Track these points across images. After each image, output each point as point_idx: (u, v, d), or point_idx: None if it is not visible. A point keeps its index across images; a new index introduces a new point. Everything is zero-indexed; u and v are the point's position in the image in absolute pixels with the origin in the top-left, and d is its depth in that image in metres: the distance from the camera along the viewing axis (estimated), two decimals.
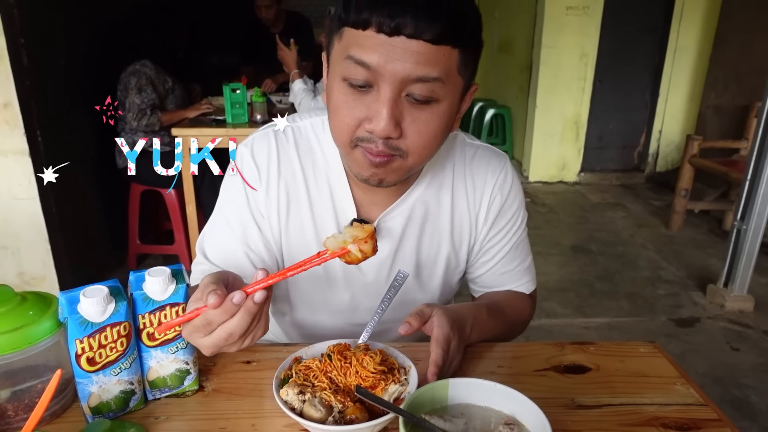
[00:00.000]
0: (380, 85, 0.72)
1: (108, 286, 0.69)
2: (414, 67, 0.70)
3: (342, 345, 0.75)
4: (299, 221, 0.93)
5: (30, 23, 2.39)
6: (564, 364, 0.86)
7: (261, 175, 0.91)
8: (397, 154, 0.77)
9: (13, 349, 0.67)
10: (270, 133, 0.93)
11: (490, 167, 0.97)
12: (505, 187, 0.97)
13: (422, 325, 0.79)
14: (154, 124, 2.95)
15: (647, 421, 0.74)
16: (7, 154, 2.38)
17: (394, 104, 0.72)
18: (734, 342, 2.65)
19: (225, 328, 0.64)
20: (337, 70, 0.76)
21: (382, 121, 0.72)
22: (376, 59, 0.70)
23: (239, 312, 0.63)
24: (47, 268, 2.58)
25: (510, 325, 1.02)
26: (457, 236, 0.98)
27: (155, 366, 0.75)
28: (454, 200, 0.96)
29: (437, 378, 0.74)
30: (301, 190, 0.93)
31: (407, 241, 0.95)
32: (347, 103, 0.76)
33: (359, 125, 0.76)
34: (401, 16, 0.68)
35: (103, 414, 0.71)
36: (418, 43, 0.69)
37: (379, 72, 0.71)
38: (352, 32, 0.72)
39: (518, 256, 1.03)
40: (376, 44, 0.70)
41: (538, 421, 0.63)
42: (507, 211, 0.99)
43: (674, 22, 4.88)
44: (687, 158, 3.80)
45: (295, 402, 0.67)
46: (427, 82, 0.72)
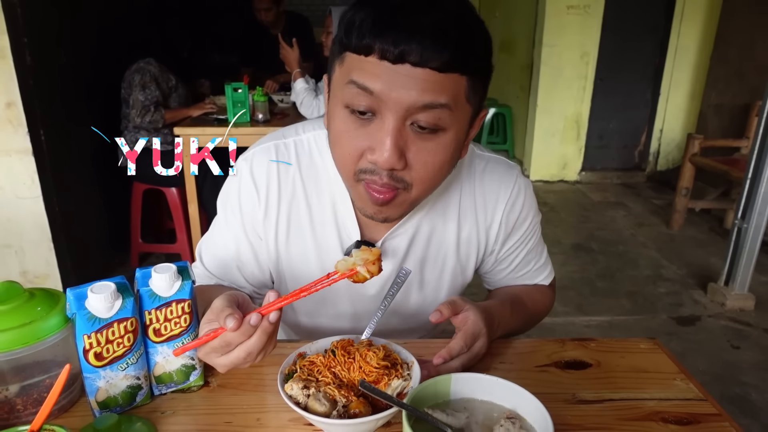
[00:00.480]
0: (384, 113, 0.69)
1: (115, 282, 0.70)
2: (419, 95, 0.67)
3: (345, 341, 0.76)
4: (301, 242, 0.91)
5: (33, 22, 2.40)
6: (565, 360, 0.87)
7: (260, 196, 0.88)
8: (401, 187, 0.74)
9: (22, 344, 0.68)
10: (271, 147, 0.89)
11: (502, 183, 0.93)
12: (519, 202, 0.94)
13: (453, 315, 0.80)
14: (158, 121, 2.96)
15: (647, 415, 0.75)
16: (11, 154, 2.39)
17: (399, 134, 0.69)
18: (735, 340, 2.65)
19: (244, 348, 0.66)
20: (339, 96, 0.73)
21: (386, 152, 0.69)
22: (379, 86, 0.67)
23: (257, 332, 0.65)
24: (50, 266, 2.59)
25: (530, 317, 1.03)
26: (463, 252, 0.96)
27: (161, 361, 0.76)
28: (461, 216, 0.93)
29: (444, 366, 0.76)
30: (302, 210, 0.90)
31: (411, 260, 0.94)
32: (349, 132, 0.72)
33: (362, 155, 0.73)
34: (406, 43, 0.65)
35: (110, 408, 0.72)
36: (424, 71, 0.66)
37: (383, 99, 0.68)
38: (354, 57, 0.69)
39: (534, 256, 1.03)
40: (380, 71, 0.67)
41: (539, 415, 0.64)
42: (522, 223, 0.97)
43: (675, 21, 4.89)
44: (688, 157, 3.81)
45: (300, 396, 0.68)
46: (433, 109, 0.69)
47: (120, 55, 3.02)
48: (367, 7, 0.68)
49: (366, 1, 0.70)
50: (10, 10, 2.24)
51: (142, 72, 2.91)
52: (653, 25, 4.95)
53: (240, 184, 0.90)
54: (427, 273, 0.96)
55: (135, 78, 2.92)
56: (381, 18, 0.67)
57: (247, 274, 0.95)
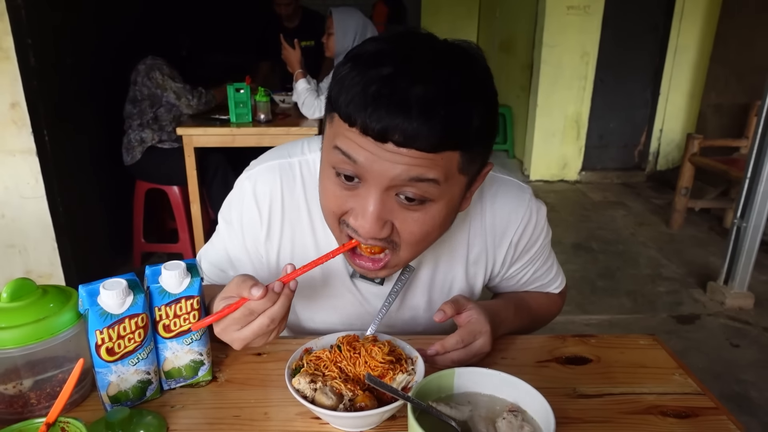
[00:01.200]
0: (369, 181, 0.66)
1: (126, 279, 0.72)
2: (405, 171, 0.63)
3: (351, 336, 0.78)
4: (305, 259, 0.89)
5: (37, 23, 2.41)
6: (566, 356, 0.89)
7: (262, 218, 0.87)
8: (389, 247, 0.72)
9: (36, 339, 0.69)
10: (276, 167, 0.87)
11: (513, 208, 0.91)
12: (530, 226, 0.93)
13: (456, 314, 0.81)
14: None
15: (646, 409, 0.76)
16: (15, 154, 2.41)
17: (382, 205, 0.67)
18: (734, 338, 2.67)
19: (268, 314, 0.69)
20: (326, 156, 0.71)
21: (367, 224, 0.67)
22: (362, 158, 0.64)
23: (280, 299, 0.69)
24: (54, 266, 2.61)
25: (534, 320, 1.04)
26: (471, 274, 0.95)
27: (171, 357, 0.78)
28: (471, 241, 0.92)
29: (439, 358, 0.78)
30: (306, 231, 0.88)
31: (419, 280, 0.93)
32: (335, 193, 0.71)
33: (345, 214, 0.72)
34: (389, 121, 0.60)
35: (121, 402, 0.74)
36: (410, 151, 0.62)
37: (366, 170, 0.65)
38: (340, 122, 0.66)
39: (543, 273, 1.03)
40: (363, 143, 0.64)
41: (541, 409, 0.65)
42: (531, 247, 0.96)
43: (675, 21, 4.90)
44: (687, 157, 3.82)
45: (307, 390, 0.69)
46: (420, 182, 0.65)
47: (123, 55, 3.04)
48: (358, 72, 0.64)
49: (358, 64, 0.65)
50: (15, 12, 2.26)
51: (157, 67, 2.92)
52: (653, 25, 4.97)
53: (243, 202, 0.89)
54: (435, 294, 0.96)
55: (155, 74, 2.91)
56: (367, 90, 0.62)
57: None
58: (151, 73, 2.92)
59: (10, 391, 0.71)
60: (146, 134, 3.00)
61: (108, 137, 3.12)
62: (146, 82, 2.93)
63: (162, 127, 3.02)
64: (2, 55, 2.27)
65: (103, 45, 3.14)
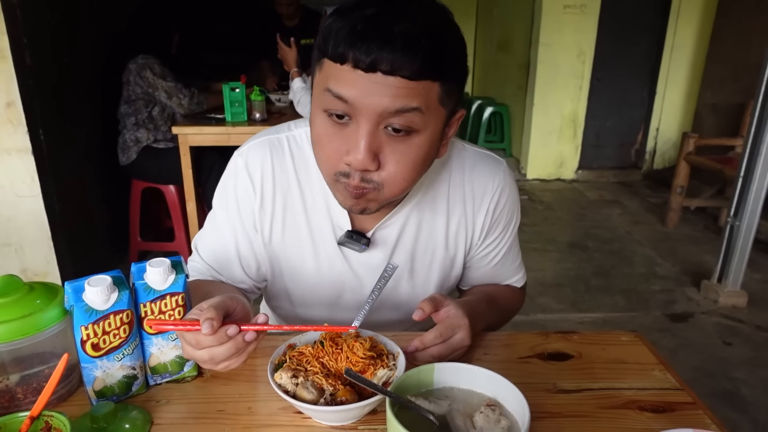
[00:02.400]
0: (358, 118, 0.73)
1: (111, 276, 0.73)
2: (391, 101, 0.70)
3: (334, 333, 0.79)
4: (296, 233, 0.95)
5: (32, 23, 2.42)
6: (548, 352, 0.90)
7: (255, 188, 0.92)
8: (370, 187, 0.78)
9: (22, 335, 0.70)
10: (265, 142, 0.93)
11: (490, 176, 0.96)
12: (504, 195, 0.98)
13: (434, 311, 0.83)
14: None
15: (624, 404, 0.78)
16: (11, 152, 2.41)
17: (372, 137, 0.73)
18: (727, 336, 2.68)
19: (209, 352, 0.69)
20: (318, 101, 0.77)
21: (359, 154, 0.73)
22: (353, 94, 0.71)
23: (228, 343, 0.68)
24: (50, 264, 2.61)
25: (503, 315, 1.07)
26: (452, 243, 0.99)
27: (156, 352, 0.79)
28: (450, 209, 0.96)
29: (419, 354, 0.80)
30: (296, 200, 0.93)
31: (401, 248, 0.97)
32: (328, 136, 0.77)
33: (339, 158, 0.77)
34: (377, 52, 0.68)
35: (107, 397, 0.75)
36: (396, 79, 0.69)
37: (357, 106, 0.72)
38: (330, 65, 0.73)
39: (510, 257, 1.07)
40: (353, 79, 0.70)
41: (518, 403, 0.67)
42: (502, 219, 1.00)
43: (671, 20, 4.91)
44: (683, 155, 3.84)
45: (289, 385, 0.70)
46: (405, 113, 0.72)
47: (119, 53, 3.04)
48: (344, 18, 0.71)
49: (343, 11, 0.72)
50: (10, 11, 2.27)
51: (149, 66, 2.90)
52: (649, 24, 4.98)
53: (236, 177, 0.93)
54: (417, 264, 0.99)
55: (146, 74, 2.89)
56: (355, 28, 0.69)
57: (246, 266, 0.98)
58: (142, 72, 2.91)
59: None
60: (141, 134, 3.01)
61: (104, 136, 3.13)
62: (138, 81, 2.92)
63: (157, 127, 3.03)
64: None
65: (98, 44, 3.14)
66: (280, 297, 1.05)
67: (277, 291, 1.04)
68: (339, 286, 0.99)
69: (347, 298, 1.00)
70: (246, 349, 0.71)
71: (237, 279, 0.99)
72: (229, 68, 3.59)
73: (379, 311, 1.00)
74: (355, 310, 0.96)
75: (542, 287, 3.10)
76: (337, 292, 1.00)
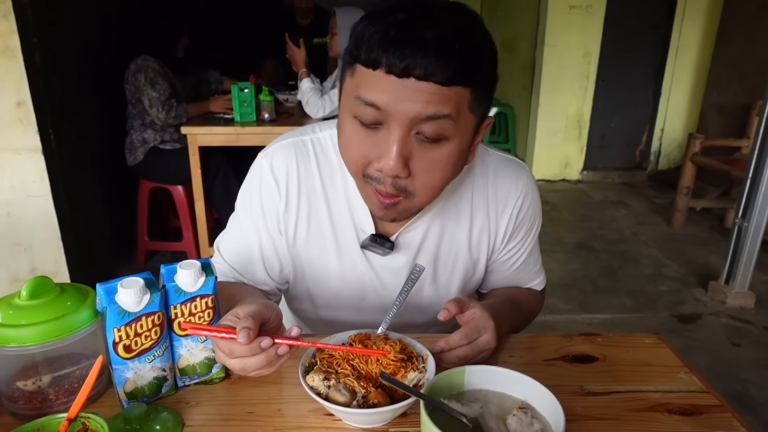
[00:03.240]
0: (390, 124, 0.73)
1: (143, 278, 0.73)
2: (424, 107, 0.70)
3: (362, 335, 0.79)
4: (320, 236, 0.95)
5: (43, 22, 2.42)
6: (572, 354, 0.90)
7: (280, 190, 0.92)
8: (402, 196, 0.78)
9: (55, 336, 0.71)
10: (290, 144, 0.94)
11: (513, 180, 0.97)
12: (528, 200, 0.98)
13: (459, 312, 0.83)
14: (182, 115, 2.96)
15: (652, 406, 0.78)
16: (21, 152, 2.42)
17: (404, 143, 0.73)
18: (735, 338, 2.69)
19: (242, 362, 0.69)
20: (348, 106, 0.77)
21: (391, 161, 0.73)
22: (385, 99, 0.71)
23: (261, 355, 0.68)
24: (59, 264, 2.62)
25: (525, 318, 1.07)
26: (475, 248, 0.99)
27: (185, 354, 0.79)
28: (474, 214, 0.97)
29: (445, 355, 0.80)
30: (321, 203, 0.94)
31: (424, 252, 0.97)
32: (357, 141, 0.76)
33: (369, 163, 0.77)
34: (411, 58, 0.68)
35: (137, 399, 0.75)
36: (428, 85, 0.69)
37: (389, 112, 0.72)
38: (362, 70, 0.73)
39: (531, 261, 1.07)
40: (386, 84, 0.70)
41: (550, 406, 0.67)
42: (525, 223, 1.00)
43: (677, 20, 4.91)
44: (689, 156, 3.84)
45: (321, 387, 0.70)
46: (436, 120, 0.72)
47: (127, 53, 3.05)
48: (376, 22, 0.71)
49: (375, 17, 0.72)
50: (21, 10, 2.27)
51: (144, 70, 2.90)
52: (655, 25, 4.98)
53: (261, 179, 0.93)
54: (440, 268, 0.99)
55: (139, 78, 2.90)
56: (388, 33, 0.70)
57: (269, 268, 0.98)
58: (137, 75, 2.91)
59: (29, 387, 0.72)
60: (148, 135, 3.01)
61: (112, 135, 3.13)
62: (134, 83, 2.93)
63: (164, 127, 3.03)
64: (8, 54, 2.28)
65: (108, 44, 3.15)
66: (302, 299, 1.05)
67: (299, 293, 1.04)
68: (362, 289, 0.99)
69: (370, 301, 1.00)
70: (278, 362, 0.71)
71: (259, 281, 0.99)
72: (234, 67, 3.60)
73: (401, 314, 1.00)
74: (378, 312, 0.98)
75: (550, 288, 3.07)
76: (360, 295, 1.00)
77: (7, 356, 0.71)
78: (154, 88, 2.89)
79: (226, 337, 0.68)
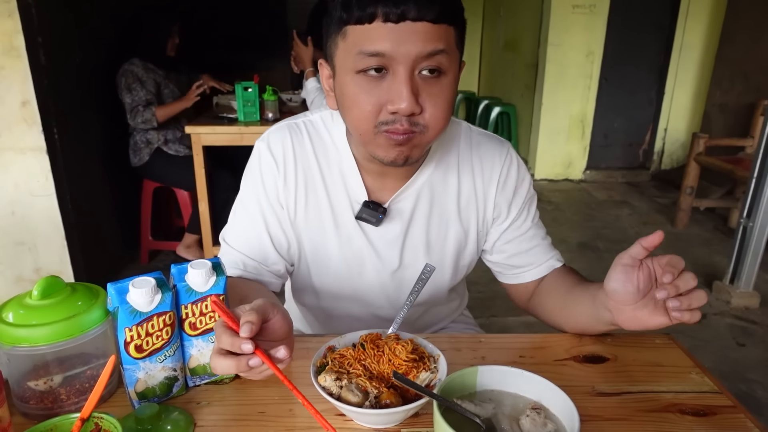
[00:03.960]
0: (395, 68, 0.78)
1: (154, 277, 0.73)
2: (423, 45, 0.76)
3: (374, 335, 0.79)
4: (317, 208, 0.99)
5: (48, 22, 2.43)
6: (583, 354, 0.90)
7: (278, 166, 0.97)
8: (417, 131, 0.81)
9: (66, 336, 0.71)
10: (284, 127, 0.99)
11: (495, 152, 1.02)
12: (513, 169, 1.02)
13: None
14: (150, 120, 2.99)
15: (665, 407, 0.77)
16: (25, 152, 2.42)
17: (411, 82, 0.78)
18: (740, 338, 2.68)
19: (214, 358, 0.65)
20: (348, 66, 0.80)
21: (405, 101, 0.77)
22: (388, 46, 0.76)
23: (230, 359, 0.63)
24: (63, 263, 2.62)
25: None
26: (464, 217, 1.02)
27: (196, 354, 0.79)
28: (460, 182, 1.01)
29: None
30: (316, 177, 0.98)
31: (416, 220, 1.00)
32: (367, 93, 0.80)
33: (380, 110, 0.80)
34: (404, 3, 0.75)
35: (148, 399, 0.75)
36: (423, 24, 0.76)
37: (393, 57, 0.77)
38: (357, 29, 0.78)
39: (540, 231, 1.07)
40: (385, 32, 0.76)
41: (564, 406, 0.66)
42: (521, 187, 1.04)
43: (680, 20, 4.91)
44: (693, 156, 3.83)
45: (333, 387, 0.70)
46: (435, 56, 0.78)
47: (130, 53, 3.05)
48: None
49: None
50: (25, 10, 2.27)
51: (126, 74, 2.97)
52: (658, 24, 4.97)
53: (260, 159, 0.98)
54: (432, 237, 1.02)
55: (121, 81, 2.97)
56: None
57: (278, 245, 0.99)
58: (120, 79, 2.98)
59: (41, 387, 0.72)
60: (151, 135, 3.02)
61: (116, 135, 3.13)
62: (119, 91, 3.00)
63: (166, 126, 3.04)
64: (13, 54, 2.28)
65: (112, 43, 3.15)
66: (304, 288, 1.07)
67: (301, 277, 1.05)
68: (360, 263, 1.01)
69: (369, 279, 1.02)
70: (249, 372, 0.65)
71: (271, 260, 0.99)
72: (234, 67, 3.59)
73: (401, 288, 1.03)
74: (379, 293, 1.02)
75: None
76: (358, 269, 1.02)
77: (19, 356, 0.71)
78: (130, 93, 2.96)
79: (233, 327, 0.63)
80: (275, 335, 0.68)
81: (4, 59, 2.29)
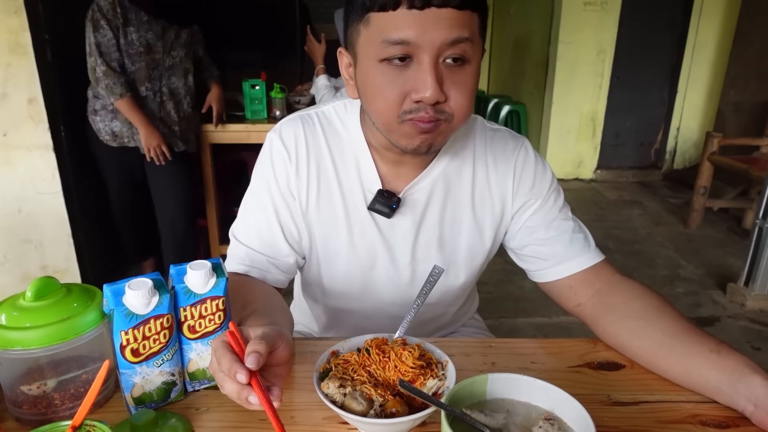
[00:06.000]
0: (420, 56, 0.76)
1: (151, 279, 0.70)
2: (448, 32, 0.75)
3: (379, 339, 0.76)
4: (329, 196, 0.96)
5: (54, 19, 2.41)
6: (598, 361, 0.86)
7: (290, 156, 0.95)
8: (443, 118, 0.80)
9: (60, 339, 0.68)
10: (296, 118, 0.98)
11: (509, 146, 1.00)
12: (529, 161, 0.99)
13: None
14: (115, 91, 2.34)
15: (685, 418, 0.74)
16: (32, 149, 2.41)
17: (436, 70, 0.76)
18: (755, 341, 2.62)
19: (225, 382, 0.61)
20: (371, 55, 0.79)
21: (430, 89, 0.76)
22: (413, 33, 0.74)
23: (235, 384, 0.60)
24: (70, 261, 2.61)
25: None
26: (479, 211, 1.00)
27: (195, 358, 0.76)
28: (475, 175, 0.98)
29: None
30: (329, 166, 0.96)
31: (430, 213, 0.98)
32: (391, 81, 0.78)
33: (404, 99, 0.79)
34: None
35: (145, 404, 0.72)
36: (448, 11, 0.74)
37: (418, 44, 0.75)
38: (381, 16, 0.76)
39: (570, 224, 1.03)
40: (410, 19, 0.74)
41: (579, 417, 0.63)
42: (542, 182, 1.00)
43: (693, 18, 4.83)
44: (706, 155, 3.76)
45: (337, 395, 0.67)
46: (459, 43, 0.76)
47: None
48: None
49: None
50: (32, 7, 2.26)
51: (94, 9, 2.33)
52: (671, 22, 4.90)
53: (272, 149, 0.96)
54: (445, 231, 0.99)
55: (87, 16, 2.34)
56: None
57: (289, 235, 0.97)
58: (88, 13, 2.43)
59: (34, 392, 0.70)
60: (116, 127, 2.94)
61: None
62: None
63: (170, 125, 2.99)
64: (20, 51, 2.28)
65: None
66: (314, 282, 1.04)
67: (311, 271, 1.03)
68: (371, 256, 0.98)
69: (380, 272, 0.99)
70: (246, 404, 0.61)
71: (282, 252, 0.96)
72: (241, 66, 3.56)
73: (411, 284, 1.00)
74: (389, 287, 1.00)
75: None
76: (369, 263, 0.99)
77: (11, 359, 0.69)
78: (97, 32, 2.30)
79: (235, 348, 0.61)
80: (275, 362, 0.64)
81: (10, 56, 2.28)
